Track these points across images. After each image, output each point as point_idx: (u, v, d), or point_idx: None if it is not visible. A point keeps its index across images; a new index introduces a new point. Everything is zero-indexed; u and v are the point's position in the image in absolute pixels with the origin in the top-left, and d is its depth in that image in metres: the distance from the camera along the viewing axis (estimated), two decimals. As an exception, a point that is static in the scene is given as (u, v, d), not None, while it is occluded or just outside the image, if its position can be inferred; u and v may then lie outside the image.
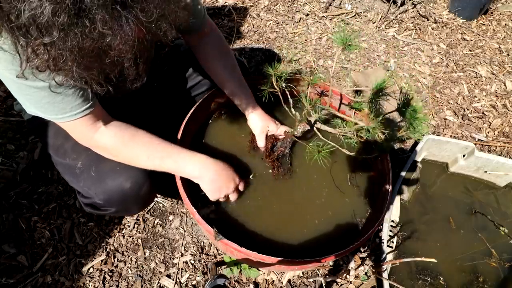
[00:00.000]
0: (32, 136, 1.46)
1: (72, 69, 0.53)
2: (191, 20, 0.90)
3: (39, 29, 0.46)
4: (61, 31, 0.46)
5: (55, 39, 0.46)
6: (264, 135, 1.02)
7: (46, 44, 0.48)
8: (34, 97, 0.70)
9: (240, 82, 1.04)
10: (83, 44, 0.48)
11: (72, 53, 0.49)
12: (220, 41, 1.06)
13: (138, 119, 0.92)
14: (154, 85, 1.13)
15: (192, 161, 0.86)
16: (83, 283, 1.15)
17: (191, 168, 0.86)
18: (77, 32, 0.46)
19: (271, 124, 1.02)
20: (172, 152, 0.85)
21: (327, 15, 2.18)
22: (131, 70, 0.59)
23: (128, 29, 0.48)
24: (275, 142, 1.03)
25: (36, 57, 0.51)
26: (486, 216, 1.31)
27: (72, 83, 0.59)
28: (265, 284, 1.17)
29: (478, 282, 1.17)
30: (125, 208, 0.94)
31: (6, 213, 1.26)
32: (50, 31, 0.46)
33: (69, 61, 0.51)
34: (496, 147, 1.62)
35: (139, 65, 0.60)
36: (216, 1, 2.24)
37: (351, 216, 0.98)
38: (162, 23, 0.53)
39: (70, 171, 0.90)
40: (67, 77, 0.57)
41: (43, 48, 0.49)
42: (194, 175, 0.87)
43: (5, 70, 0.64)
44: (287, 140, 1.02)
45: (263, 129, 1.02)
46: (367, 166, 1.07)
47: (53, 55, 0.50)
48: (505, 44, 2.11)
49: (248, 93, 1.04)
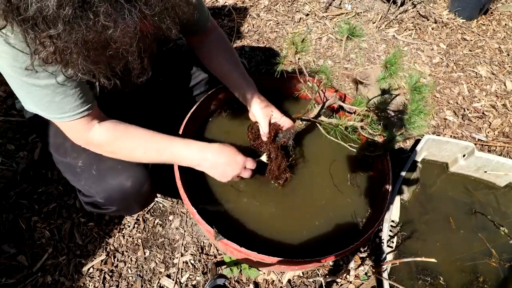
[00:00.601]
0: (32, 136, 1.46)
1: (78, 61, 0.54)
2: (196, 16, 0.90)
3: (45, 21, 0.47)
4: (66, 23, 0.47)
5: (60, 31, 0.47)
6: (268, 120, 0.99)
7: (52, 36, 0.49)
8: (35, 95, 0.70)
9: (243, 74, 1.03)
10: (87, 37, 0.49)
11: (77, 45, 0.50)
12: (223, 39, 1.07)
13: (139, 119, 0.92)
14: (160, 80, 1.12)
15: (189, 149, 0.86)
16: (83, 283, 1.15)
17: (189, 156, 0.85)
18: (82, 25, 0.47)
19: (274, 111, 1.00)
20: (168, 142, 0.85)
21: (327, 15, 2.18)
22: (136, 64, 0.60)
23: (131, 22, 0.49)
24: (278, 132, 1.00)
25: (44, 49, 0.52)
26: (486, 216, 1.31)
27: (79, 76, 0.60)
28: (265, 284, 1.17)
29: (478, 282, 1.17)
30: (126, 207, 0.94)
31: (6, 213, 1.26)
32: (56, 24, 0.47)
33: (75, 53, 0.52)
34: (496, 147, 1.62)
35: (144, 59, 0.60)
36: (216, 1, 2.24)
37: (351, 216, 0.97)
38: (166, 16, 0.53)
39: (71, 169, 0.91)
40: (75, 70, 0.58)
41: (49, 41, 0.50)
42: (194, 162, 0.86)
43: (8, 66, 0.65)
44: (291, 131, 0.99)
45: (267, 114, 0.99)
46: (367, 166, 1.07)
47: (59, 47, 0.51)
48: (505, 44, 2.11)
49: (251, 83, 1.02)
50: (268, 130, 0.98)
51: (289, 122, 1.00)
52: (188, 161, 0.86)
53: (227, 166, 0.86)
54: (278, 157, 0.96)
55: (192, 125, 1.07)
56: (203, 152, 0.86)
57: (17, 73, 0.65)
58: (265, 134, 0.99)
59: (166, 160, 0.86)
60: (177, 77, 1.16)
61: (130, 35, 0.51)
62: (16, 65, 0.63)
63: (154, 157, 0.84)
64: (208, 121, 1.14)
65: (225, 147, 0.88)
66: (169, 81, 1.16)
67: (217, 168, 0.87)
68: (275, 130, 0.99)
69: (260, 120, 0.99)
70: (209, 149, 0.87)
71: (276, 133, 1.00)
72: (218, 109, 1.17)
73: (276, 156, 0.97)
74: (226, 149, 0.88)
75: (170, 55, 1.16)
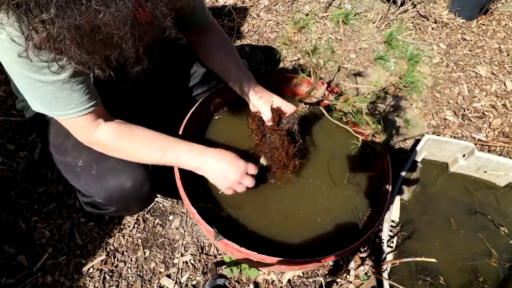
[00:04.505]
0: (32, 136, 1.46)
1: (71, 49, 0.54)
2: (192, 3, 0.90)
3: (38, 5, 0.47)
4: (58, 8, 0.47)
5: (52, 15, 0.48)
6: (269, 105, 0.97)
7: (45, 21, 0.49)
8: (41, 92, 0.71)
9: (242, 67, 1.03)
10: (80, 22, 0.49)
11: (70, 31, 0.50)
12: (222, 35, 1.07)
13: (140, 118, 0.92)
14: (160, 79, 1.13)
15: (191, 152, 0.86)
16: (83, 283, 1.15)
17: (191, 159, 0.85)
18: (74, 9, 0.48)
19: (275, 97, 0.99)
20: (171, 145, 0.85)
21: (327, 15, 2.18)
22: (130, 52, 0.60)
23: (124, 7, 0.49)
24: (281, 118, 0.97)
25: (36, 34, 0.52)
26: (486, 216, 1.31)
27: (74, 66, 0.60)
28: (265, 284, 1.17)
29: (478, 282, 1.17)
30: (126, 207, 0.94)
31: (6, 213, 1.26)
32: (48, 8, 0.47)
33: (68, 39, 0.52)
34: (496, 147, 1.62)
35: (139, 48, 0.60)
36: (216, 1, 2.24)
37: (351, 216, 0.97)
38: (159, 1, 0.54)
39: (71, 169, 0.91)
40: (69, 60, 0.58)
41: (42, 26, 0.50)
42: (195, 166, 0.86)
43: (14, 63, 0.65)
44: (294, 115, 0.95)
45: (267, 100, 0.97)
46: (367, 166, 1.07)
47: (52, 33, 0.51)
48: (505, 44, 2.11)
49: (250, 76, 1.01)
50: (271, 115, 0.96)
51: (292, 107, 0.97)
52: (190, 163, 0.86)
53: (228, 170, 0.86)
54: (284, 143, 0.92)
55: (192, 125, 1.07)
56: (205, 155, 0.86)
57: (24, 69, 0.66)
58: (269, 120, 0.96)
59: (169, 162, 0.86)
60: (177, 76, 1.16)
61: (122, 20, 0.51)
62: (21, 61, 0.63)
63: (157, 158, 0.84)
64: (208, 122, 1.14)
65: (227, 153, 0.88)
66: (170, 81, 1.16)
67: (218, 172, 0.86)
68: (278, 115, 0.96)
69: (261, 107, 0.97)
70: (210, 153, 0.87)
71: (280, 119, 0.96)
72: (218, 109, 1.17)
73: (282, 142, 0.92)
74: (227, 154, 0.88)
75: (170, 54, 1.16)
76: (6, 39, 0.60)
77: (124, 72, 0.72)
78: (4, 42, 0.61)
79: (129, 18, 0.51)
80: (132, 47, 0.58)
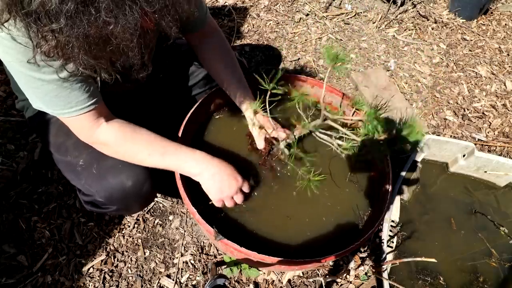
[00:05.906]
0: (32, 136, 1.46)
1: (79, 56, 0.55)
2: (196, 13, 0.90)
3: (48, 16, 0.48)
4: (68, 18, 0.48)
5: (62, 25, 0.48)
6: (262, 136, 1.00)
7: (54, 30, 0.50)
8: (42, 91, 0.71)
9: (241, 83, 1.04)
10: (88, 32, 0.50)
11: (78, 40, 0.51)
12: (222, 42, 1.06)
13: (140, 118, 0.92)
14: (159, 78, 1.13)
15: (192, 158, 0.86)
16: (83, 283, 1.15)
17: (191, 165, 0.85)
18: (83, 20, 0.48)
19: (267, 124, 1.01)
20: (172, 149, 0.85)
21: (327, 15, 2.18)
22: (136, 60, 0.61)
23: (132, 18, 0.50)
24: (273, 145, 1.01)
25: (46, 43, 0.53)
26: (486, 216, 1.31)
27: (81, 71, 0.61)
28: (265, 284, 1.17)
29: (478, 282, 1.17)
30: (126, 206, 0.94)
31: (6, 213, 1.26)
32: (58, 18, 0.48)
33: (76, 48, 0.53)
34: (496, 147, 1.62)
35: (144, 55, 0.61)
36: (216, 1, 2.24)
37: (351, 216, 0.97)
38: (166, 14, 0.54)
39: (71, 168, 0.91)
40: (77, 65, 0.59)
41: (51, 35, 0.51)
42: (194, 172, 0.86)
43: (15, 61, 0.65)
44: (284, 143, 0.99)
45: (260, 127, 0.99)
46: (367, 166, 1.07)
47: (61, 41, 0.52)
48: (505, 44, 2.11)
49: (249, 94, 1.03)
50: (263, 146, 1.01)
51: (283, 135, 0.99)
52: (190, 168, 0.86)
53: (225, 181, 0.86)
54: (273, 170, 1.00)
55: (192, 125, 1.07)
56: (207, 162, 0.86)
57: (25, 67, 0.66)
58: (261, 149, 1.01)
59: (168, 165, 0.86)
60: (176, 76, 1.16)
61: (131, 31, 0.52)
62: (23, 59, 0.64)
63: (157, 161, 0.84)
64: (208, 122, 1.14)
65: (228, 165, 0.89)
66: (169, 80, 1.16)
67: (216, 182, 0.86)
68: (269, 142, 1.01)
69: (254, 134, 1.02)
70: (212, 162, 0.87)
71: (271, 147, 1.01)
72: (218, 109, 1.17)
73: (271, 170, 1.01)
74: (228, 167, 0.88)
75: (169, 54, 1.16)
76: (7, 37, 0.60)
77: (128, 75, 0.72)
78: (5, 40, 0.61)
79: (137, 28, 0.52)
80: (138, 54, 0.59)
